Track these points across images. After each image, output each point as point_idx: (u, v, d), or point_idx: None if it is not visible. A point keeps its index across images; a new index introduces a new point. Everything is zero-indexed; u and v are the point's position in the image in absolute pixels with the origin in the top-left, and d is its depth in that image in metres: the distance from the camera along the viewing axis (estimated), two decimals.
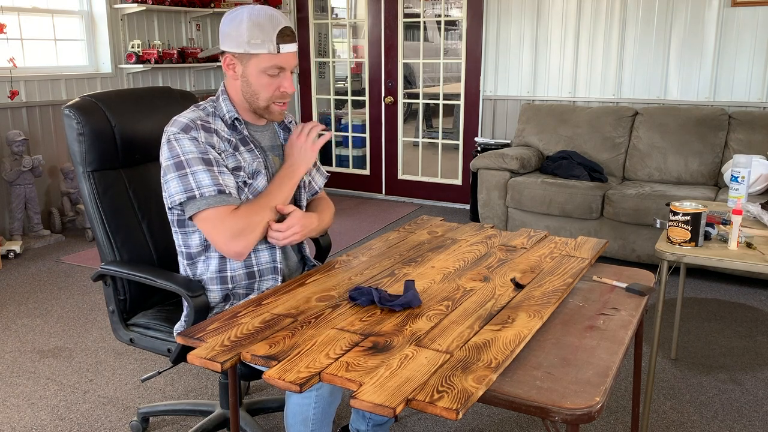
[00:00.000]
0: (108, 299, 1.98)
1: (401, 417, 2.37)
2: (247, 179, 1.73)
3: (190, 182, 1.63)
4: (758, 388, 2.58)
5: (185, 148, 1.65)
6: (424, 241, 2.05)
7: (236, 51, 1.69)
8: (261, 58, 1.68)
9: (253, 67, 1.70)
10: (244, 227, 1.66)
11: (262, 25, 1.66)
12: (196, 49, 5.48)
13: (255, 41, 1.66)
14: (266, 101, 1.74)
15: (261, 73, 1.70)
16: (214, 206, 1.64)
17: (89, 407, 2.45)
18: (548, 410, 1.15)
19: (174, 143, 1.66)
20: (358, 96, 5.95)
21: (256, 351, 1.29)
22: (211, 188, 1.63)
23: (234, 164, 1.72)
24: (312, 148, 1.81)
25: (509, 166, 4.30)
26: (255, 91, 1.72)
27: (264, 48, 1.67)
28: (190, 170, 1.64)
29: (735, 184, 2.45)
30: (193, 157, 1.65)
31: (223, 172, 1.67)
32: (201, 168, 1.64)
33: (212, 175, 1.64)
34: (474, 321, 1.43)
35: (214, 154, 1.68)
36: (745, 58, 4.34)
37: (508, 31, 5.08)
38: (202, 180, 1.63)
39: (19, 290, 3.66)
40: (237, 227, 1.65)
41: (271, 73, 1.70)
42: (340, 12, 5.95)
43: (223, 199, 1.64)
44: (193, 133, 1.67)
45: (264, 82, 1.71)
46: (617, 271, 1.88)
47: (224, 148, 1.72)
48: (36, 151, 4.62)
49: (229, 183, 1.67)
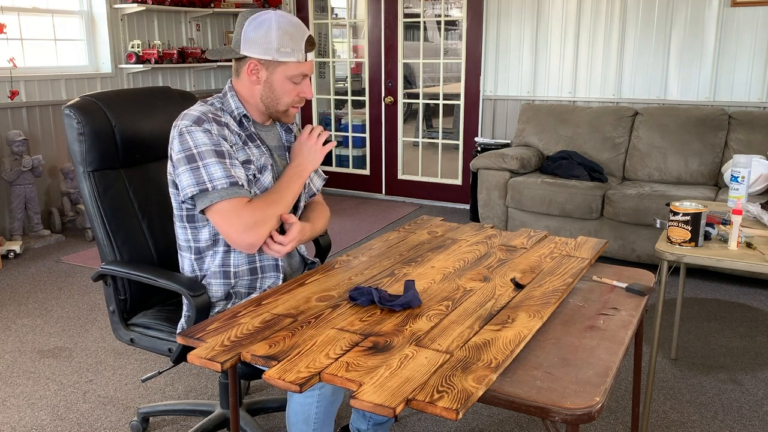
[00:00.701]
0: (108, 299, 1.98)
1: (401, 417, 2.37)
2: (256, 173, 1.75)
3: (202, 175, 1.63)
4: (758, 388, 2.59)
5: (198, 140, 1.65)
6: (424, 241, 2.05)
7: (263, 57, 1.71)
8: (289, 66, 1.72)
9: (279, 74, 1.73)
10: (258, 220, 1.66)
11: (292, 34, 1.69)
12: (196, 49, 5.48)
13: (285, 49, 1.69)
14: (286, 106, 1.79)
15: (286, 80, 1.74)
16: (226, 198, 1.63)
17: (89, 407, 2.45)
18: (548, 410, 1.15)
19: (186, 136, 1.66)
20: (358, 96, 5.95)
21: (256, 351, 1.29)
22: (223, 180, 1.63)
23: (244, 158, 1.73)
24: (321, 150, 1.84)
25: (509, 166, 4.30)
26: (277, 96, 1.76)
27: (293, 57, 1.70)
28: (202, 163, 1.64)
29: (735, 184, 2.45)
30: (206, 149, 1.65)
31: (235, 165, 1.67)
32: (213, 160, 1.64)
33: (224, 167, 1.64)
34: (474, 321, 1.43)
35: (226, 146, 1.68)
36: (745, 58, 4.34)
37: (508, 31, 5.08)
38: (215, 172, 1.63)
39: (19, 290, 3.66)
40: (252, 220, 1.65)
41: (296, 81, 1.75)
42: (340, 12, 5.95)
43: (236, 191, 1.64)
44: (206, 125, 1.67)
45: (288, 89, 1.75)
46: (617, 271, 1.88)
47: (235, 141, 1.73)
48: (36, 151, 4.62)
49: (240, 175, 1.67)
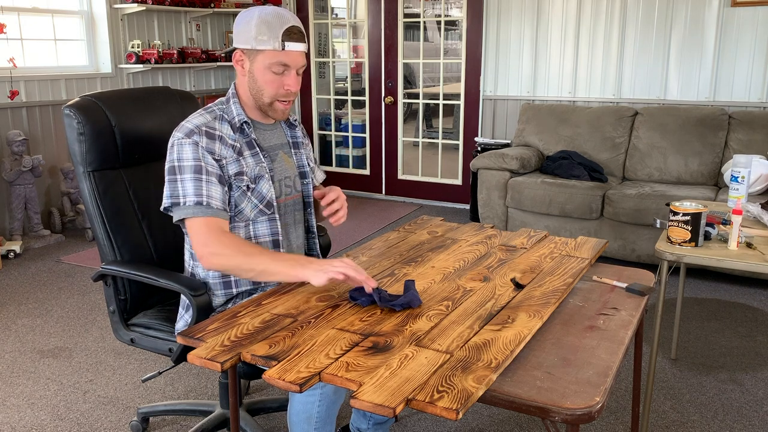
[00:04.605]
0: (108, 299, 1.98)
1: (401, 417, 2.37)
2: (250, 184, 1.75)
3: (178, 188, 1.67)
4: (758, 388, 2.58)
5: (183, 154, 1.68)
6: (424, 241, 2.05)
7: (245, 47, 1.72)
8: (266, 54, 1.71)
9: (259, 63, 1.72)
10: (218, 253, 1.62)
11: (270, 22, 1.70)
12: (196, 49, 5.48)
13: (261, 37, 1.69)
14: (270, 98, 1.76)
15: (266, 70, 1.72)
16: (191, 216, 1.65)
17: (89, 407, 2.45)
18: (548, 410, 1.15)
19: (176, 148, 1.69)
20: (358, 96, 5.95)
21: (256, 351, 1.29)
22: (191, 198, 1.65)
23: (237, 169, 1.73)
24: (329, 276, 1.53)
25: (509, 166, 4.30)
26: (260, 87, 1.75)
27: (269, 44, 1.70)
28: (180, 177, 1.67)
29: (735, 184, 2.45)
30: (187, 164, 1.67)
31: (211, 182, 1.67)
32: (190, 176, 1.66)
33: (197, 184, 1.66)
34: (474, 321, 1.43)
35: (210, 162, 1.69)
36: (745, 58, 4.34)
37: (508, 31, 5.08)
38: (188, 188, 1.66)
39: (19, 290, 3.66)
40: (215, 248, 1.62)
41: (276, 71, 1.72)
42: (340, 12, 5.95)
43: (201, 210, 1.65)
44: (195, 137, 1.69)
45: (268, 79, 1.73)
46: (617, 271, 1.87)
47: (226, 154, 1.72)
48: (36, 151, 4.62)
49: (214, 195, 1.67)
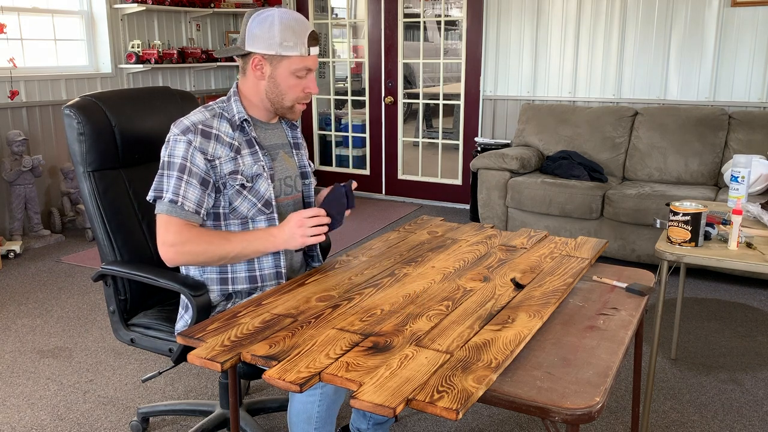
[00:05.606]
0: (108, 299, 1.98)
1: (401, 417, 2.37)
2: (245, 182, 1.75)
3: (162, 183, 1.70)
4: (758, 388, 2.58)
5: (174, 151, 1.70)
6: (424, 241, 2.05)
7: (267, 52, 1.72)
8: (292, 60, 1.73)
9: (283, 69, 1.74)
10: (179, 244, 1.66)
11: (294, 28, 1.71)
12: (196, 49, 5.48)
13: (287, 43, 1.70)
14: (292, 101, 1.79)
15: (290, 75, 1.75)
16: (163, 213, 1.68)
17: (89, 407, 2.45)
18: (548, 410, 1.15)
19: (170, 143, 1.72)
20: (358, 96, 5.95)
21: (256, 351, 1.29)
22: (169, 195, 1.68)
23: (232, 168, 1.73)
24: (304, 239, 1.69)
25: (509, 166, 4.30)
26: (282, 91, 1.77)
27: (296, 50, 1.72)
28: (167, 172, 1.70)
29: (735, 184, 2.45)
30: (175, 161, 1.69)
31: (191, 184, 1.68)
32: (175, 174, 1.69)
33: (177, 183, 1.68)
34: (474, 321, 1.43)
35: (196, 163, 1.69)
36: (745, 58, 4.34)
37: (508, 31, 5.08)
38: (170, 185, 1.68)
39: (19, 290, 3.66)
40: (175, 240, 1.66)
41: (300, 75, 1.76)
42: (340, 12, 5.95)
43: (173, 209, 1.68)
44: (189, 135, 1.70)
45: (292, 83, 1.76)
46: (617, 271, 1.88)
47: (221, 153, 1.73)
48: (36, 151, 4.62)
49: (190, 196, 1.68)
